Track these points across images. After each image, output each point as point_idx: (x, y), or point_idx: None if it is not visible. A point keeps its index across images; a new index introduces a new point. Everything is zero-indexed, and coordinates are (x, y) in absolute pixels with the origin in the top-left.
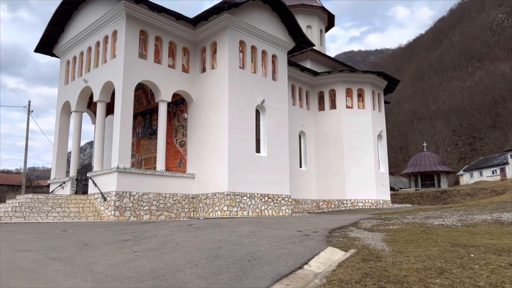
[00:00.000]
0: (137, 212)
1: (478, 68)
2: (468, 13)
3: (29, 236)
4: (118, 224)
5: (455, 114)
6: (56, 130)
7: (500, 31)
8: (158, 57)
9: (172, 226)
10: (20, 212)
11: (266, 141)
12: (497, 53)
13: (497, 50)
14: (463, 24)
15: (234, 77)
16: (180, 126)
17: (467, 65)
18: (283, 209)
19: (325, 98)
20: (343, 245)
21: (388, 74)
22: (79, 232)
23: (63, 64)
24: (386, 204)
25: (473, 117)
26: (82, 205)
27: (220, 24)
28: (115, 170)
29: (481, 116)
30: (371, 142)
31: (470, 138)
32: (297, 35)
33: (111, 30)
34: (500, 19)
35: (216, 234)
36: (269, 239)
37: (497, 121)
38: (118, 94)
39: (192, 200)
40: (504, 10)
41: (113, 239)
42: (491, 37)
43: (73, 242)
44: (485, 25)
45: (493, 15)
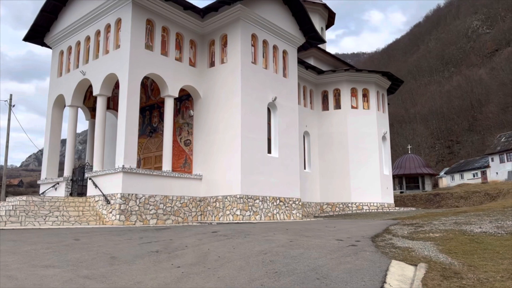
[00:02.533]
0: (143, 217)
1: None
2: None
3: (39, 247)
4: (132, 230)
5: (433, 118)
6: (48, 126)
7: (475, 37)
8: (164, 49)
9: (195, 233)
10: (15, 217)
11: (277, 141)
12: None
13: (473, 56)
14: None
15: (246, 72)
16: (185, 124)
17: (444, 70)
18: (294, 213)
19: (329, 98)
20: (404, 258)
21: (394, 74)
22: (94, 241)
23: (55, 54)
24: (391, 207)
25: (451, 121)
26: (82, 209)
27: (232, 16)
28: (120, 171)
29: (459, 120)
30: (376, 143)
31: (448, 141)
32: (308, 31)
33: (114, 18)
34: (475, 26)
35: (253, 244)
36: (317, 250)
37: (474, 125)
38: (123, 88)
39: (199, 203)
40: (479, 18)
41: (140, 250)
42: (467, 43)
43: (97, 255)
44: (460, 31)
45: (468, 22)
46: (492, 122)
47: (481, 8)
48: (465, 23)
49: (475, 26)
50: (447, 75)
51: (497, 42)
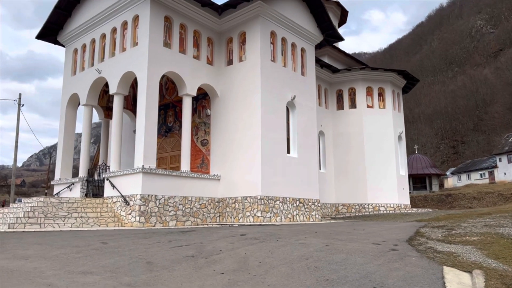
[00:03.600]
0: (163, 218)
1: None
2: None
3: (69, 251)
4: (156, 233)
5: (438, 118)
6: (62, 126)
7: (479, 37)
8: (182, 47)
9: (223, 236)
10: (34, 218)
11: (296, 141)
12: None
13: (477, 56)
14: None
15: (266, 70)
16: (202, 123)
17: (447, 69)
18: (313, 215)
19: (345, 97)
20: (453, 264)
21: (410, 73)
22: (122, 244)
23: (69, 53)
24: (407, 208)
25: (456, 121)
26: (99, 210)
27: (251, 13)
28: (140, 171)
29: (464, 120)
30: (392, 143)
31: (453, 141)
32: (325, 28)
33: (132, 15)
34: (479, 26)
35: (289, 248)
36: (359, 255)
37: (480, 125)
38: (141, 87)
39: (217, 204)
40: (483, 17)
41: (174, 254)
42: (470, 43)
43: (132, 260)
44: (464, 31)
45: (472, 22)
46: (497, 122)
47: (485, 7)
48: (468, 23)
49: (479, 25)
50: (450, 75)
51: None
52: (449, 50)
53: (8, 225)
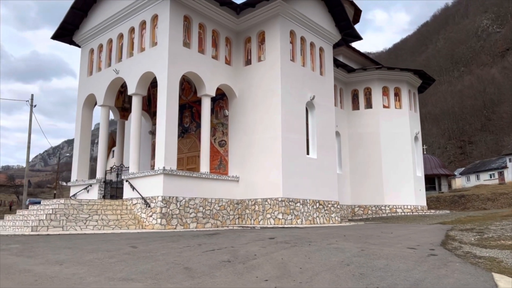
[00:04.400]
0: (184, 220)
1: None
2: (452, 19)
3: (101, 256)
4: (182, 236)
5: (445, 118)
6: (78, 127)
7: (485, 36)
8: (201, 47)
9: (252, 239)
10: (56, 221)
11: (315, 142)
12: (483, 59)
13: (483, 55)
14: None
15: (286, 70)
16: (219, 124)
17: (453, 69)
18: (332, 217)
19: (360, 97)
20: (501, 270)
21: (427, 73)
22: (153, 248)
23: (85, 53)
24: (424, 210)
25: (463, 121)
26: (119, 212)
27: (271, 12)
28: (161, 173)
29: (472, 120)
30: (409, 144)
31: (460, 141)
32: (344, 27)
33: (150, 15)
34: (485, 25)
35: (324, 252)
36: (400, 260)
37: (487, 125)
38: (162, 87)
39: (236, 206)
40: (489, 17)
41: (209, 259)
42: (477, 43)
43: (169, 265)
44: (470, 30)
45: (478, 21)
46: (505, 122)
47: (491, 7)
48: (474, 22)
49: (485, 25)
50: (457, 74)
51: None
52: (455, 50)
53: (31, 228)
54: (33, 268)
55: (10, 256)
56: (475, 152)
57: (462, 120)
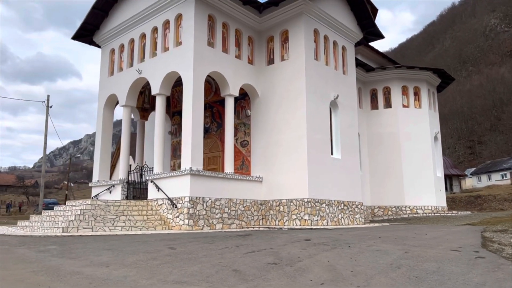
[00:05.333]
0: (210, 221)
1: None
2: (459, 18)
3: (144, 258)
4: (216, 237)
5: (454, 117)
6: (99, 127)
7: (493, 36)
8: (225, 46)
9: (288, 241)
10: (85, 222)
11: (339, 142)
12: (491, 58)
13: (491, 54)
14: (455, 28)
15: (310, 69)
16: (241, 124)
17: (461, 69)
18: (357, 218)
19: (379, 96)
20: None
21: (447, 71)
22: (193, 250)
23: (105, 53)
24: (445, 210)
25: (473, 121)
26: (145, 213)
27: (295, 10)
28: (188, 173)
29: (481, 120)
30: (429, 144)
31: (469, 141)
32: (366, 26)
33: (174, 14)
34: (493, 24)
35: (368, 255)
36: (451, 263)
37: (497, 125)
38: (187, 87)
39: (260, 207)
40: (497, 16)
41: (253, 261)
42: (485, 42)
43: (215, 268)
44: (478, 30)
45: (486, 20)
46: None
47: (499, 6)
48: (482, 22)
49: (493, 24)
50: (465, 74)
51: None
52: (463, 49)
53: (62, 229)
54: (82, 270)
55: (53, 257)
56: (484, 152)
57: (471, 119)
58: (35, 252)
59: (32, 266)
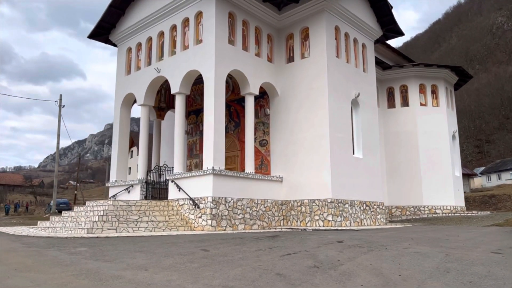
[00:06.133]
0: (232, 222)
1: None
2: (465, 16)
3: (180, 260)
4: (244, 238)
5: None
6: (116, 127)
7: (500, 34)
8: (245, 44)
9: (322, 243)
10: (109, 223)
11: (360, 141)
12: (498, 56)
13: (498, 53)
14: (461, 27)
15: (332, 67)
16: (260, 123)
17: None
18: (378, 218)
19: (396, 95)
20: None
21: (465, 69)
22: (227, 252)
23: (122, 52)
24: (463, 210)
25: (480, 119)
26: (166, 213)
27: (316, 7)
28: (210, 173)
29: (490, 118)
30: (447, 143)
31: (477, 140)
32: (386, 23)
33: (194, 12)
34: (500, 22)
35: (409, 258)
36: (499, 266)
37: (506, 123)
38: (209, 86)
39: (281, 207)
40: (504, 14)
41: (293, 264)
42: (492, 40)
43: (258, 271)
44: (484, 28)
45: (492, 18)
46: None
47: (506, 4)
48: (489, 20)
49: (500, 22)
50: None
51: None
52: (470, 48)
53: (86, 230)
54: (122, 274)
55: (87, 260)
56: (493, 151)
57: (479, 118)
58: (67, 254)
59: (70, 269)
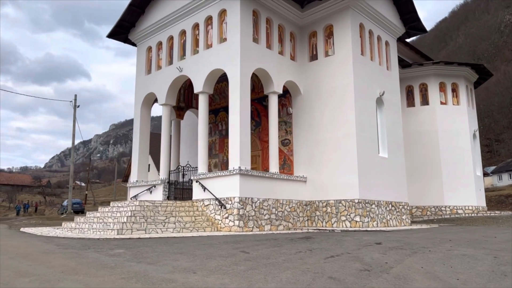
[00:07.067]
0: (259, 222)
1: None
2: (472, 15)
3: (224, 263)
4: (277, 239)
5: None
6: (136, 127)
7: (508, 32)
8: (268, 42)
9: (360, 245)
10: (138, 223)
11: (385, 140)
12: (507, 54)
13: (507, 51)
14: (468, 25)
15: (357, 65)
16: (282, 123)
17: None
18: (403, 218)
19: (415, 93)
20: None
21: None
22: (268, 254)
23: (142, 51)
24: (485, 211)
25: (489, 118)
26: (192, 214)
27: (340, 4)
28: (236, 173)
29: (499, 117)
30: (468, 142)
31: (486, 139)
32: (409, 20)
33: (217, 10)
34: (508, 20)
35: (458, 260)
36: None
37: None
38: (234, 85)
39: (305, 208)
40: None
41: (341, 268)
42: (500, 38)
43: (308, 274)
44: (492, 26)
45: (500, 17)
46: None
47: None
48: (497, 18)
49: (508, 20)
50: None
51: None
52: (477, 46)
53: (116, 231)
54: (173, 278)
55: (130, 262)
56: (502, 151)
57: (488, 117)
58: (107, 256)
59: (117, 272)
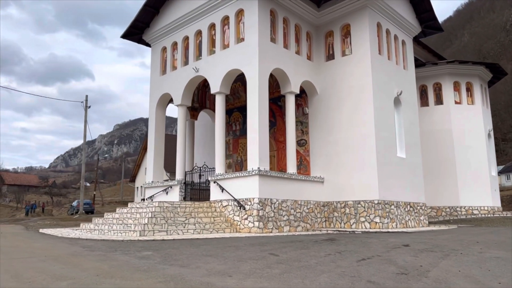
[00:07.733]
0: (278, 223)
1: None
2: (477, 14)
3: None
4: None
5: None
6: (152, 128)
7: None
8: (286, 42)
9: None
10: (159, 225)
11: (403, 140)
12: None
13: None
14: (473, 24)
15: (375, 64)
16: (298, 123)
17: None
18: (421, 219)
19: (429, 93)
20: None
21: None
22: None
23: (156, 52)
24: (500, 211)
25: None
26: (210, 215)
27: (358, 3)
28: (256, 173)
29: (505, 116)
30: (483, 141)
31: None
32: (425, 19)
33: (234, 9)
34: None
35: (494, 263)
36: None
37: None
38: (252, 85)
39: (323, 209)
40: None
41: (377, 271)
42: (505, 37)
43: (345, 278)
44: (497, 25)
45: (506, 15)
46: None
47: None
48: (502, 17)
49: None
50: None
51: None
52: (483, 45)
53: (139, 233)
54: (210, 281)
55: (162, 265)
56: (509, 150)
57: (495, 116)
58: (136, 258)
59: (152, 275)
